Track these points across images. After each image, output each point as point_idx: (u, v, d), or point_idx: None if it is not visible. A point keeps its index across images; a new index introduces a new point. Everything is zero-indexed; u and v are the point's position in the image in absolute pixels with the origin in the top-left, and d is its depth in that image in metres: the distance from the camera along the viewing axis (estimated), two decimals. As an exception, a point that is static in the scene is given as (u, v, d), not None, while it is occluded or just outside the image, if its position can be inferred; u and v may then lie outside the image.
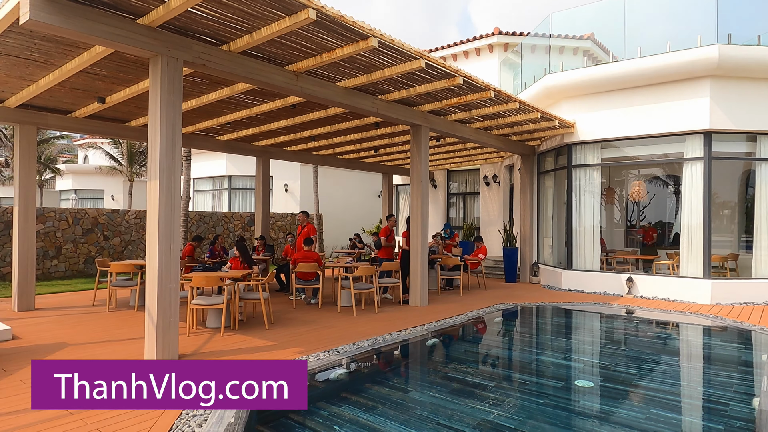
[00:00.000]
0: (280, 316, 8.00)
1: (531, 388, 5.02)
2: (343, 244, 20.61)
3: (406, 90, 8.19)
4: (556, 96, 11.71)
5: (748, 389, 4.99)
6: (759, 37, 9.76)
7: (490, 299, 9.99)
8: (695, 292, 9.79)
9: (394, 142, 12.60)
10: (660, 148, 11.06)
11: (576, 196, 11.63)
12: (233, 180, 21.27)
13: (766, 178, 10.13)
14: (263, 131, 10.87)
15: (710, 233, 9.94)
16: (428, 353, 6.44)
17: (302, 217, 10.18)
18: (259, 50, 6.32)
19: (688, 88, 9.96)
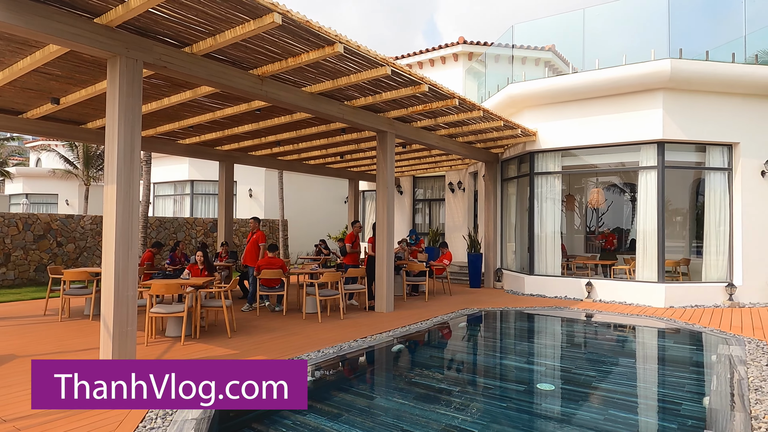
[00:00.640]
0: (244, 324, 7.84)
1: (495, 392, 5.08)
2: (309, 250, 20.43)
3: (372, 96, 8.22)
4: (518, 105, 11.99)
5: (700, 389, 5.20)
6: (707, 52, 10.27)
7: (455, 304, 10.09)
8: (650, 296, 10.16)
9: (360, 148, 12.61)
10: (617, 156, 11.47)
11: (538, 202, 11.91)
12: (195, 185, 20.80)
13: (715, 187, 10.64)
14: (227, 135, 10.69)
15: (664, 239, 10.35)
16: (394, 359, 6.44)
17: (253, 223, 9.84)
18: (222, 53, 6.22)
19: (643, 100, 10.37)
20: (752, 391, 4.80)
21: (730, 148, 10.59)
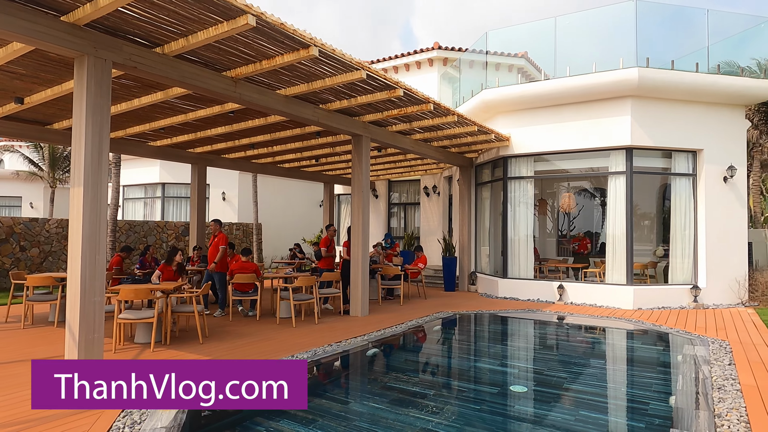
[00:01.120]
0: (216, 330, 7.71)
1: (469, 395, 5.11)
2: (284, 254, 20.24)
3: (347, 100, 8.21)
4: (492, 110, 12.15)
5: (666, 388, 5.34)
6: (673, 62, 10.61)
7: (430, 308, 10.13)
8: (619, 298, 10.41)
9: (335, 152, 12.58)
10: (588, 162, 11.72)
11: (511, 206, 12.08)
12: (167, 188, 20.38)
13: (680, 192, 10.98)
14: (199, 138, 10.52)
15: (632, 242, 10.62)
16: (369, 363, 6.42)
17: (214, 226, 9.45)
18: (195, 54, 6.13)
19: (612, 107, 10.64)
20: (715, 389, 4.95)
21: (694, 154, 10.95)
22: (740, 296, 10.69)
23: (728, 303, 10.62)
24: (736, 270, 10.79)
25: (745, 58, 11.69)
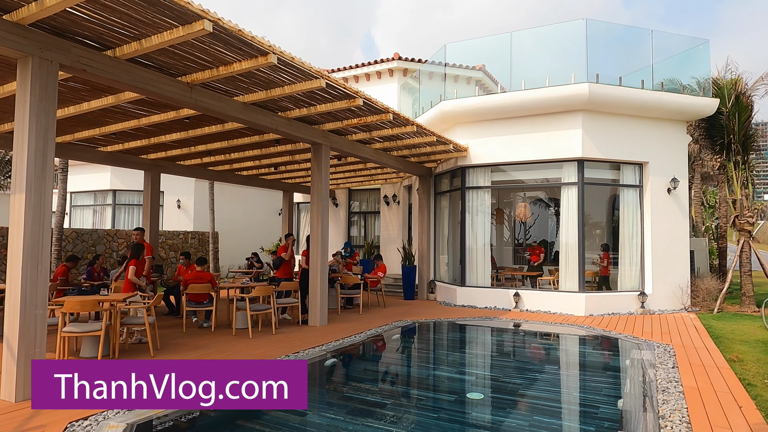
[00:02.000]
0: (168, 342, 7.45)
1: (427, 403, 5.14)
2: (241, 264, 19.83)
3: (306, 108, 8.17)
4: (451, 121, 12.37)
5: (615, 392, 5.54)
6: (620, 78, 11.12)
7: (389, 317, 10.14)
8: (572, 305, 10.74)
9: (294, 160, 12.47)
10: (542, 173, 12.09)
11: (469, 216, 12.29)
12: (118, 195, 19.63)
13: (628, 202, 11.48)
14: (153, 144, 10.21)
15: (584, 251, 11.00)
16: (327, 374, 6.35)
17: (138, 235, 8.95)
18: (149, 58, 5.96)
19: (565, 120, 11.04)
20: (660, 392, 5.17)
21: (640, 166, 11.49)
22: (683, 302, 11.23)
23: (672, 308, 11.14)
24: (680, 277, 11.34)
25: (686, 76, 12.36)
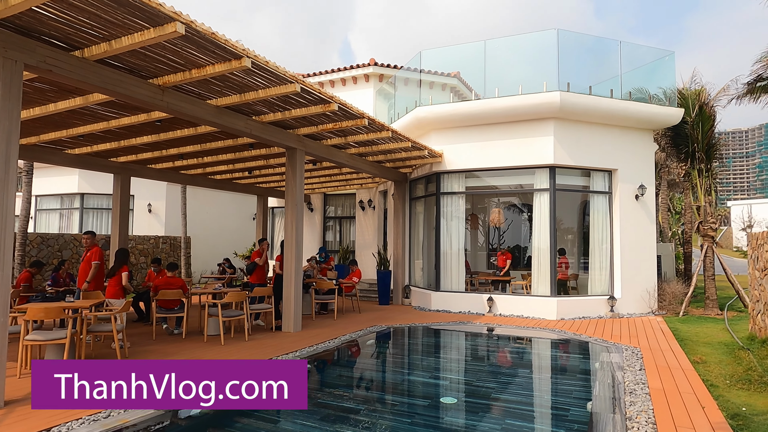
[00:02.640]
0: (137, 350, 7.28)
1: (401, 408, 5.15)
2: (214, 269, 19.52)
3: (281, 113, 8.12)
4: (426, 127, 12.47)
5: (586, 394, 5.64)
6: (590, 87, 11.41)
7: (364, 322, 10.13)
8: (544, 309, 10.91)
9: (269, 164, 12.37)
10: (516, 179, 12.28)
11: (444, 221, 12.39)
12: (86, 198, 19.11)
13: (598, 208, 11.75)
14: (123, 146, 9.99)
15: (556, 256, 11.20)
16: (300, 380, 6.29)
17: (88, 239, 8.46)
18: (119, 60, 5.85)
19: (537, 127, 11.25)
20: (627, 394, 5.30)
21: (610, 173, 11.78)
22: (650, 305, 11.53)
23: (640, 312, 11.43)
24: (647, 281, 11.65)
25: (653, 86, 12.76)
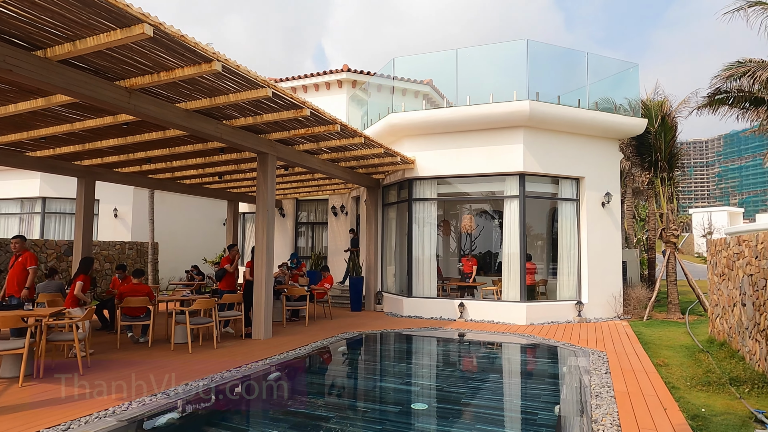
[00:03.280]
0: (100, 359, 7.05)
1: (372, 415, 5.12)
2: (183, 276, 19.10)
3: (252, 117, 8.04)
4: (398, 134, 12.54)
5: (554, 398, 5.74)
6: (559, 97, 11.68)
7: (336, 329, 10.07)
8: (514, 314, 11.06)
9: (240, 169, 12.21)
10: (486, 185, 12.46)
11: (416, 227, 12.45)
12: (48, 203, 18.48)
13: (566, 215, 12.01)
14: (88, 149, 9.71)
15: (525, 262, 11.38)
16: (270, 388, 6.21)
17: (17, 243, 8.04)
18: (84, 61, 5.69)
19: (507, 135, 11.45)
20: (593, 397, 5.41)
21: (577, 181, 12.07)
22: (616, 310, 11.83)
23: (607, 317, 11.71)
24: (613, 286, 11.95)
25: (619, 97, 13.16)
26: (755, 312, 6.64)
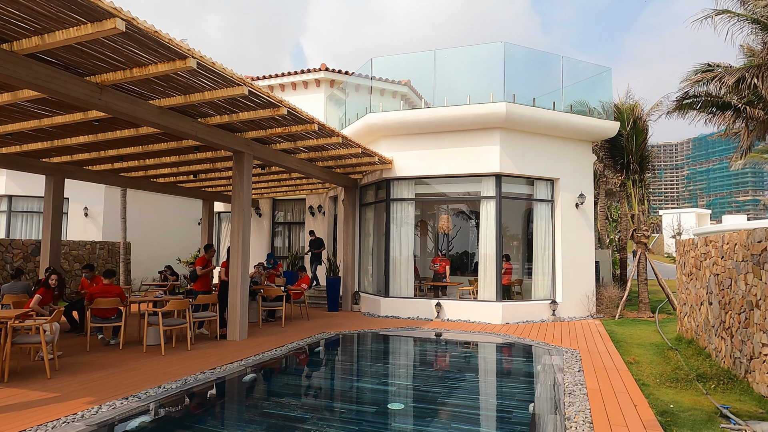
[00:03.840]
0: (70, 362, 6.86)
1: (348, 415, 5.11)
2: (156, 276, 18.74)
3: (228, 115, 7.94)
4: (376, 134, 12.53)
5: (528, 396, 5.81)
6: (534, 99, 11.84)
7: (312, 329, 10.01)
8: (490, 314, 11.18)
9: (215, 168, 12.04)
10: (463, 186, 12.55)
11: (394, 227, 12.47)
12: (14, 201, 17.89)
13: (542, 215, 12.19)
14: (57, 146, 9.44)
15: (501, 262, 11.51)
16: (245, 390, 6.14)
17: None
18: (53, 55, 5.53)
19: (484, 137, 11.56)
20: (567, 395, 5.50)
21: (552, 182, 12.26)
22: (589, 309, 12.06)
23: (580, 316, 11.92)
24: (586, 286, 12.18)
25: (593, 100, 13.42)
26: (721, 310, 6.85)
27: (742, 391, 5.61)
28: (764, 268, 5.38)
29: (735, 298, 6.30)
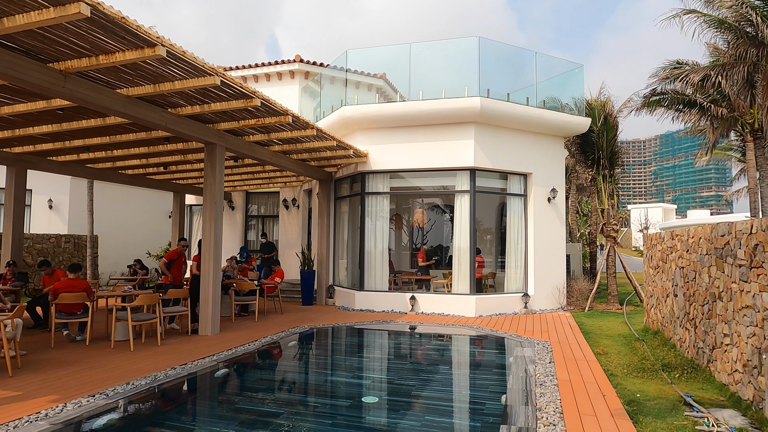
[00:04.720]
0: (33, 359, 6.64)
1: (322, 409, 5.09)
2: (125, 270, 18.29)
3: (200, 106, 7.75)
4: (351, 127, 12.46)
5: (501, 388, 5.89)
6: (509, 94, 11.94)
7: (286, 323, 9.93)
8: (464, 307, 11.29)
9: (186, 159, 11.77)
10: (438, 180, 12.59)
11: (369, 221, 12.44)
12: (-26, 192, 17.17)
13: (515, 209, 12.34)
14: (18, 136, 9.08)
15: (475, 255, 11.62)
16: (217, 385, 6.05)
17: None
18: (13, 40, 5.29)
19: (459, 131, 11.61)
20: (538, 386, 5.60)
21: (525, 177, 12.42)
22: (560, 302, 12.30)
23: (551, 308, 12.15)
24: (557, 279, 12.41)
25: (566, 96, 13.62)
26: (686, 302, 7.07)
27: (704, 380, 5.81)
28: (727, 262, 5.57)
29: (699, 290, 6.51)
